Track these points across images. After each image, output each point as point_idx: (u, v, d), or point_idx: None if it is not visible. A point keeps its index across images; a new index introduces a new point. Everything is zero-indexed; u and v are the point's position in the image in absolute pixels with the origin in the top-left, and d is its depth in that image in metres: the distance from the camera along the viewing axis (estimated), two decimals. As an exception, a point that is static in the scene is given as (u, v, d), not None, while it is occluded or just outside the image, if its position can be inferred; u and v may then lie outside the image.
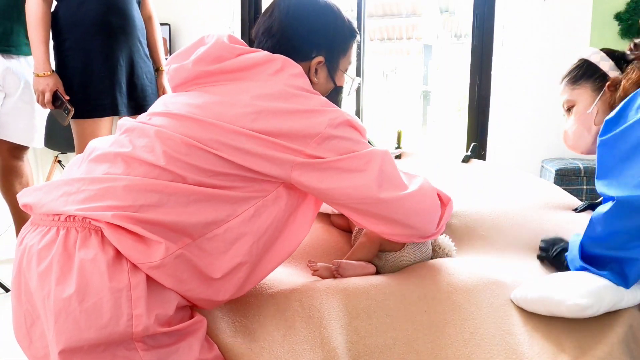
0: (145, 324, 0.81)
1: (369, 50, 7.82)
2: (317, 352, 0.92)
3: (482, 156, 3.00)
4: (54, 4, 2.03)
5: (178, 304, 0.88)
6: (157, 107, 1.02)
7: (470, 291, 1.02)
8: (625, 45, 1.22)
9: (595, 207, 1.15)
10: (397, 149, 1.94)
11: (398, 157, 1.91)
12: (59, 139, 2.86)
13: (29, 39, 2.03)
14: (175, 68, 1.04)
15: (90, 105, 2.03)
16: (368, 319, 0.98)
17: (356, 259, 1.17)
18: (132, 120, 1.01)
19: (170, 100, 1.02)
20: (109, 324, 0.80)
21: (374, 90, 7.97)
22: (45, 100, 1.98)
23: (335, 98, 1.14)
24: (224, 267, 0.90)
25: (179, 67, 1.04)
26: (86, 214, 0.84)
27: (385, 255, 1.17)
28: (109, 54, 2.03)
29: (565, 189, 1.61)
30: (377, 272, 1.17)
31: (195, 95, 1.00)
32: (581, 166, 2.54)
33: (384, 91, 8.18)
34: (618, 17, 2.69)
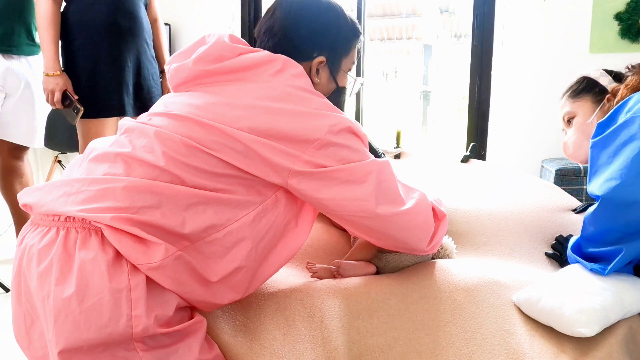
0: (145, 325, 0.81)
1: (369, 50, 7.83)
2: (318, 352, 0.92)
3: (482, 156, 2.99)
4: (62, 5, 2.05)
5: (178, 304, 0.88)
6: (157, 108, 1.02)
7: (470, 291, 1.02)
8: (625, 45, 1.23)
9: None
10: (396, 148, 1.94)
11: (397, 156, 1.91)
12: (59, 139, 2.86)
13: (32, 39, 2.03)
14: (176, 67, 1.04)
15: (98, 105, 2.04)
16: (369, 318, 0.98)
17: (356, 259, 1.16)
18: (132, 120, 1.00)
19: (170, 100, 1.02)
20: (108, 324, 0.80)
21: (374, 90, 7.97)
22: (55, 100, 1.99)
23: (337, 99, 1.13)
24: (221, 271, 0.89)
25: (179, 66, 1.03)
26: (86, 216, 0.84)
27: (386, 256, 1.17)
28: (117, 55, 2.04)
29: (565, 189, 1.61)
30: (378, 273, 1.17)
31: (196, 95, 0.99)
32: (581, 166, 2.54)
33: (384, 91, 8.18)
34: (618, 17, 2.69)
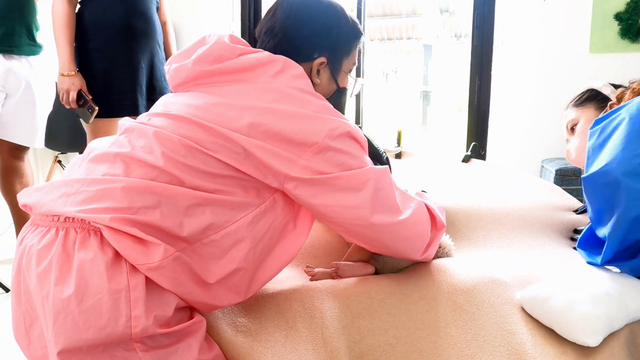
0: (144, 325, 0.81)
1: (369, 50, 7.83)
2: (319, 352, 0.92)
3: (482, 156, 2.99)
4: (77, 6, 2.07)
5: (177, 304, 0.88)
6: (157, 108, 1.02)
7: (470, 292, 1.02)
8: (625, 45, 1.24)
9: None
10: (397, 147, 1.94)
11: (398, 155, 1.91)
12: (59, 139, 2.86)
13: (33, 39, 2.04)
14: (176, 68, 1.04)
15: (112, 106, 2.07)
16: (370, 318, 0.98)
17: (354, 260, 1.16)
18: (131, 120, 1.00)
19: (170, 100, 1.02)
20: (107, 324, 0.80)
21: (374, 90, 7.97)
22: (70, 99, 2.02)
23: (338, 100, 1.12)
24: (218, 273, 0.89)
25: (179, 66, 1.03)
26: (85, 216, 0.83)
27: (384, 257, 1.17)
28: (132, 56, 2.08)
29: (565, 189, 1.61)
30: (376, 273, 1.17)
31: (195, 95, 0.99)
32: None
33: (384, 91, 8.18)
34: (618, 17, 2.69)
